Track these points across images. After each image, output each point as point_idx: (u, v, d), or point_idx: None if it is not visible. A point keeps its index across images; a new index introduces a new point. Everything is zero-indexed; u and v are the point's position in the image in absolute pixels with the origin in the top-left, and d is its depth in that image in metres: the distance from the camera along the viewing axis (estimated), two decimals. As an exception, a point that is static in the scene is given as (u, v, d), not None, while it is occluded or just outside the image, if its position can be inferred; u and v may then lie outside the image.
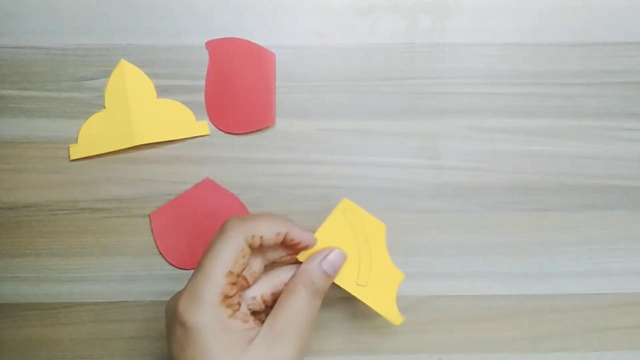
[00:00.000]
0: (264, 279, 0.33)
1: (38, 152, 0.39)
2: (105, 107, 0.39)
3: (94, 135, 0.39)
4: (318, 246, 0.33)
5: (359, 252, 0.34)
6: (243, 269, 0.31)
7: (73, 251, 0.39)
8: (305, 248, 0.33)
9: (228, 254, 0.30)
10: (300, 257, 0.33)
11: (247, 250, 0.30)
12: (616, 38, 0.39)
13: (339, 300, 0.39)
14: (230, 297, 0.30)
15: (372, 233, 0.35)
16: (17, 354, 0.39)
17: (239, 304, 0.31)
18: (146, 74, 0.39)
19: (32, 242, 0.39)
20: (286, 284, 0.32)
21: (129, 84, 0.39)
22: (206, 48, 0.39)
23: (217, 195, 0.39)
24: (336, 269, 0.33)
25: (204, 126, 0.39)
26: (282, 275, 0.33)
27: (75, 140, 0.39)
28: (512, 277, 0.40)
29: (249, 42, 0.39)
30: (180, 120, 0.39)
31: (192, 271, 0.40)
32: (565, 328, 0.40)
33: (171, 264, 0.39)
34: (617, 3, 0.39)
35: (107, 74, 0.39)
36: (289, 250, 0.33)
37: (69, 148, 0.39)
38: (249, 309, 0.32)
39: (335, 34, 0.39)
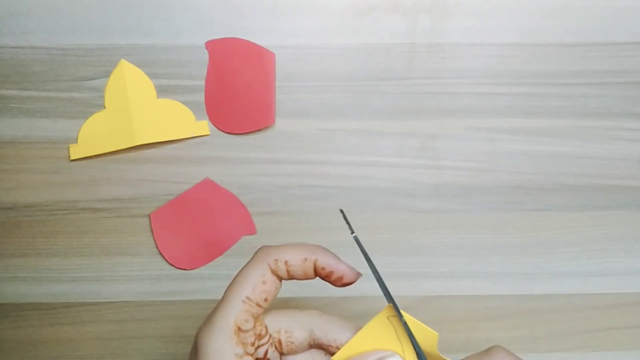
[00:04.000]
0: (307, 355, 0.29)
1: (38, 152, 0.39)
2: (105, 107, 0.39)
3: (94, 135, 0.39)
4: (355, 348, 0.28)
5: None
6: (265, 299, 0.27)
7: (73, 251, 0.39)
8: (341, 281, 0.28)
9: (246, 279, 0.27)
10: (336, 357, 0.28)
11: (269, 276, 0.27)
12: (616, 38, 0.39)
13: (339, 300, 0.39)
14: (244, 331, 0.26)
15: (422, 342, 0.30)
16: (17, 354, 0.39)
17: (255, 354, 0.27)
18: (146, 74, 0.39)
19: (32, 242, 0.39)
20: None
21: (129, 84, 0.39)
22: (206, 48, 0.39)
23: (217, 195, 0.39)
24: None
25: (203, 126, 0.39)
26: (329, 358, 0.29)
27: (75, 140, 0.39)
28: (512, 277, 0.40)
29: (248, 42, 0.39)
30: (180, 120, 0.39)
31: (192, 272, 0.41)
32: (565, 328, 0.40)
33: (171, 264, 0.39)
34: (617, 3, 0.39)
35: (107, 74, 0.39)
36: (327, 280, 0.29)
37: (69, 148, 0.39)
38: None
39: (335, 34, 0.39)
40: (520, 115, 0.40)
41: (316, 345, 0.29)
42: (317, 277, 0.29)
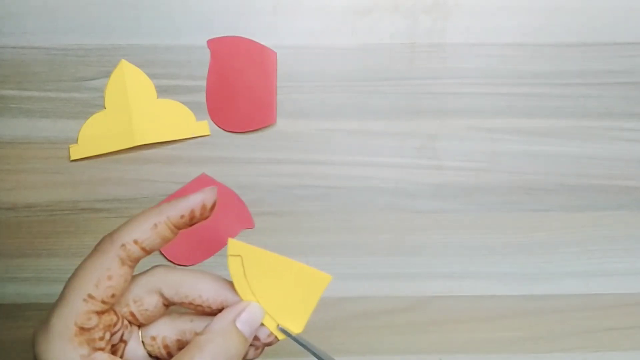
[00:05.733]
0: (167, 320, 0.27)
1: (38, 152, 0.39)
2: (105, 107, 0.39)
3: (94, 135, 0.39)
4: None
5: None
6: (112, 294, 0.24)
7: (73, 251, 0.39)
8: (206, 211, 0.26)
9: (88, 274, 0.24)
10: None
11: (116, 269, 0.24)
12: (616, 38, 0.39)
13: (339, 301, 0.39)
14: (88, 329, 0.23)
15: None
16: (17, 354, 0.39)
17: (109, 343, 0.24)
18: (146, 74, 0.39)
19: (32, 242, 0.39)
20: (195, 337, 0.25)
21: (129, 84, 0.39)
22: (208, 46, 0.39)
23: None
24: (253, 329, 0.26)
25: (204, 126, 0.39)
26: (195, 323, 0.26)
27: (75, 141, 0.39)
28: (512, 277, 0.40)
29: (250, 40, 0.39)
30: (180, 120, 0.39)
31: (191, 268, 0.41)
32: (565, 328, 0.40)
33: (170, 261, 0.39)
34: (617, 3, 0.39)
35: (107, 74, 0.39)
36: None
37: (69, 148, 0.39)
38: (149, 352, 0.26)
39: (335, 34, 0.39)
40: (520, 115, 0.40)
41: (170, 304, 0.26)
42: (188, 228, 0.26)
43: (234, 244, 0.27)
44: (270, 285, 0.27)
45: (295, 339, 0.27)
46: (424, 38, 0.39)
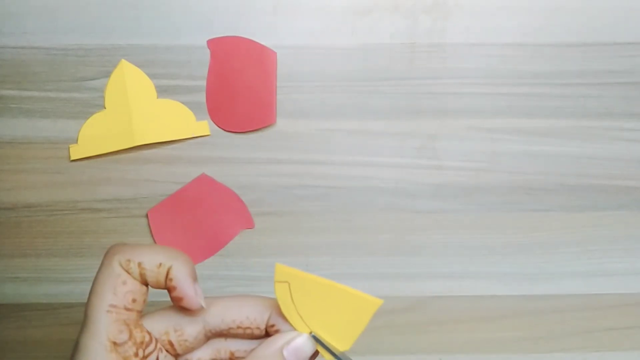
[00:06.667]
0: (205, 347, 0.26)
1: (38, 152, 0.39)
2: (105, 107, 0.39)
3: (94, 135, 0.39)
4: None
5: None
6: (133, 299, 0.24)
7: (73, 251, 0.39)
8: (180, 302, 0.25)
9: (102, 285, 0.23)
10: None
11: (126, 276, 0.24)
12: (616, 38, 0.39)
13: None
14: (122, 344, 0.23)
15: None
16: (17, 354, 0.39)
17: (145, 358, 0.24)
18: (146, 74, 0.39)
19: (32, 242, 0.39)
20: None
21: (129, 84, 0.39)
22: (208, 46, 0.39)
23: (214, 190, 0.39)
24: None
25: (204, 126, 0.39)
26: (230, 342, 0.26)
27: (75, 141, 0.39)
28: (512, 277, 0.40)
29: (250, 40, 0.39)
30: (180, 120, 0.39)
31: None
32: (565, 328, 0.40)
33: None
34: (617, 3, 0.39)
35: (107, 74, 0.39)
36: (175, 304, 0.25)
37: (69, 148, 0.39)
38: None
39: (335, 34, 0.39)
40: (520, 115, 0.40)
41: (214, 334, 0.26)
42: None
43: (281, 270, 0.26)
44: (319, 310, 0.26)
45: (334, 354, 0.26)
46: (424, 38, 0.39)
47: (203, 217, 0.39)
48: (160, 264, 0.24)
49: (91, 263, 0.39)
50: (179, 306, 0.25)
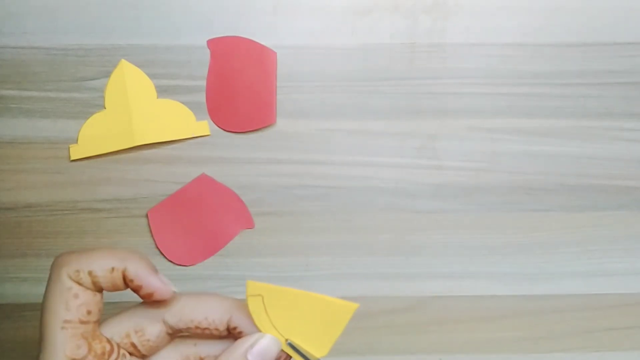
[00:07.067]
0: (170, 346, 0.26)
1: (38, 152, 0.39)
2: (105, 107, 0.39)
3: (94, 135, 0.39)
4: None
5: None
6: (88, 311, 0.23)
7: (73, 251, 0.39)
8: (151, 297, 0.24)
9: (53, 301, 0.23)
10: None
11: (77, 288, 0.23)
12: (616, 38, 0.39)
13: (339, 301, 0.39)
14: (82, 359, 0.22)
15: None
16: (17, 354, 0.39)
17: None
18: (146, 74, 0.39)
19: (32, 242, 0.39)
20: None
21: (129, 84, 0.39)
22: (208, 46, 0.39)
23: (214, 190, 0.39)
24: None
25: (204, 126, 0.39)
26: (199, 347, 0.26)
27: (75, 141, 0.39)
28: (512, 277, 0.40)
29: (250, 40, 0.39)
30: (180, 120, 0.39)
31: (192, 272, 0.41)
32: (565, 328, 0.40)
33: (170, 261, 0.39)
34: (617, 3, 0.39)
35: (107, 74, 0.39)
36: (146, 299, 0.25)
37: (69, 148, 0.39)
38: None
39: (335, 34, 0.39)
40: (520, 115, 0.40)
41: (176, 332, 0.25)
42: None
43: (253, 286, 0.26)
44: (294, 320, 0.26)
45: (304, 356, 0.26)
46: (424, 38, 0.39)
47: (203, 217, 0.39)
48: (113, 269, 0.23)
49: (91, 263, 0.39)
50: (151, 302, 0.25)
